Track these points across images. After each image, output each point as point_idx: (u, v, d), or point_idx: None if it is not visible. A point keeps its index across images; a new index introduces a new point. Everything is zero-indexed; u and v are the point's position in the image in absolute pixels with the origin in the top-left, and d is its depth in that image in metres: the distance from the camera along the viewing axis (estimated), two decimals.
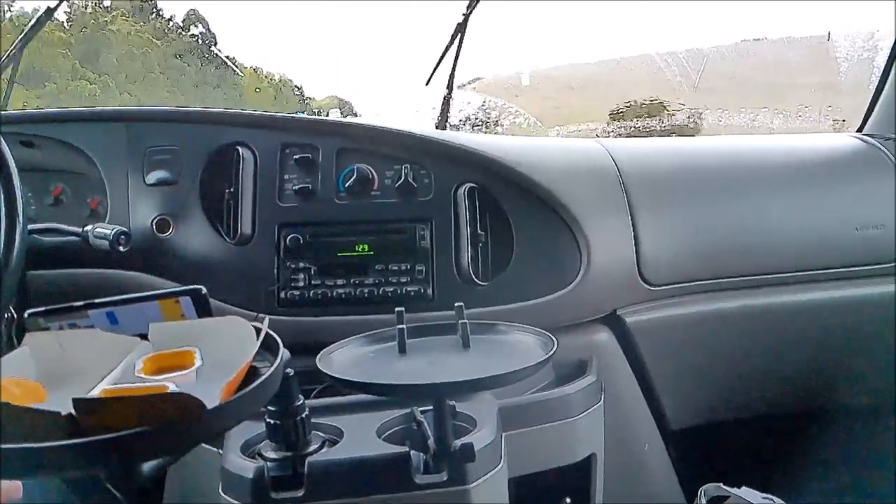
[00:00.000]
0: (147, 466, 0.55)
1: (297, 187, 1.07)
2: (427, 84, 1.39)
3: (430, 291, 1.04)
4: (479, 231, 1.05)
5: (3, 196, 0.84)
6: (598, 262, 1.04)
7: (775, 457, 1.32)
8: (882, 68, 1.39)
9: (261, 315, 1.00)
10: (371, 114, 1.33)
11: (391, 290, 1.04)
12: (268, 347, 0.59)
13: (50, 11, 1.25)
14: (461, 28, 1.30)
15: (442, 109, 1.37)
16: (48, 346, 0.57)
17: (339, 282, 1.05)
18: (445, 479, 0.71)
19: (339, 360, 0.74)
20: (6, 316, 0.89)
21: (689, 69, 1.72)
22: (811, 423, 1.32)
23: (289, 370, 0.68)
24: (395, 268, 1.05)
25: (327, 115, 1.43)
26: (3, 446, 0.42)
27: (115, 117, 1.12)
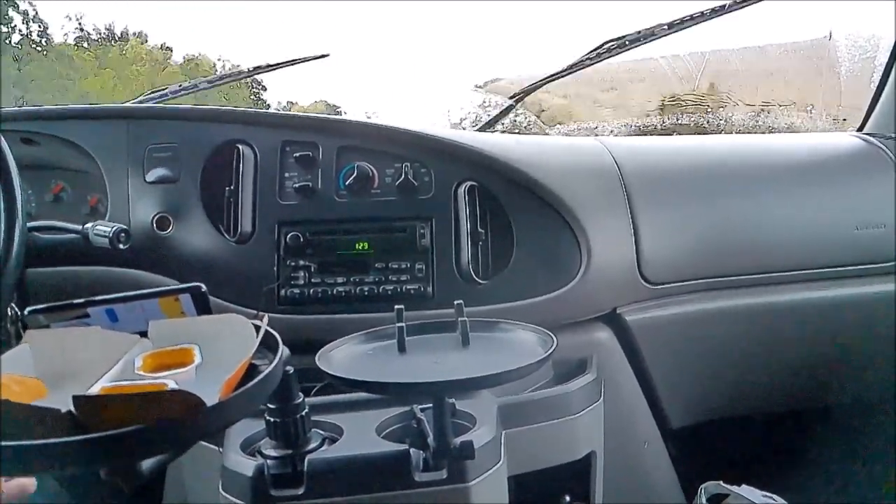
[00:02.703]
0: (146, 464, 0.55)
1: (297, 185, 1.06)
2: (513, 98, 1.45)
3: (429, 289, 1.04)
4: (480, 229, 1.05)
5: (2, 193, 0.84)
6: (598, 261, 1.04)
7: (775, 455, 1.32)
8: (883, 67, 1.39)
9: (260, 313, 1.00)
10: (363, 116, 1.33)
11: (391, 288, 1.04)
12: (267, 345, 0.59)
13: None
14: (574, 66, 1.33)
15: (495, 117, 1.40)
16: (48, 343, 0.57)
17: (339, 280, 1.05)
18: (445, 476, 0.71)
19: (339, 358, 0.74)
20: (10, 314, 0.89)
21: (691, 69, 1.72)
22: (811, 422, 1.32)
23: (288, 368, 0.68)
24: (395, 266, 1.05)
25: None
26: (3, 443, 0.42)
27: (115, 115, 1.12)
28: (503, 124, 1.77)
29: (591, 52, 1.37)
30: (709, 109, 1.69)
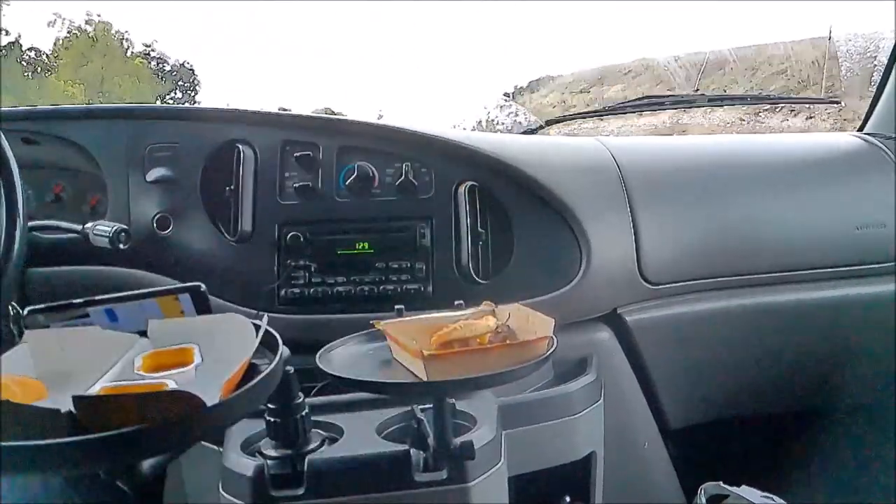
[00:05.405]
0: (147, 464, 0.55)
1: (297, 185, 1.06)
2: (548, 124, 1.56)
3: (430, 289, 1.04)
4: (480, 229, 1.05)
5: (3, 193, 0.84)
6: (598, 261, 1.04)
7: (775, 455, 1.32)
8: (883, 67, 1.39)
9: (260, 312, 1.00)
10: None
11: (391, 287, 1.04)
12: (267, 345, 0.59)
13: None
14: None
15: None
16: (48, 343, 0.57)
17: (340, 280, 1.05)
18: (445, 477, 0.71)
19: (339, 358, 0.74)
20: (13, 313, 0.89)
21: (691, 70, 1.72)
22: (811, 423, 1.32)
23: (288, 368, 0.68)
24: (396, 266, 1.05)
25: None
26: (4, 444, 0.42)
27: (116, 114, 1.12)
28: (504, 124, 1.77)
29: (632, 101, 1.52)
30: None
